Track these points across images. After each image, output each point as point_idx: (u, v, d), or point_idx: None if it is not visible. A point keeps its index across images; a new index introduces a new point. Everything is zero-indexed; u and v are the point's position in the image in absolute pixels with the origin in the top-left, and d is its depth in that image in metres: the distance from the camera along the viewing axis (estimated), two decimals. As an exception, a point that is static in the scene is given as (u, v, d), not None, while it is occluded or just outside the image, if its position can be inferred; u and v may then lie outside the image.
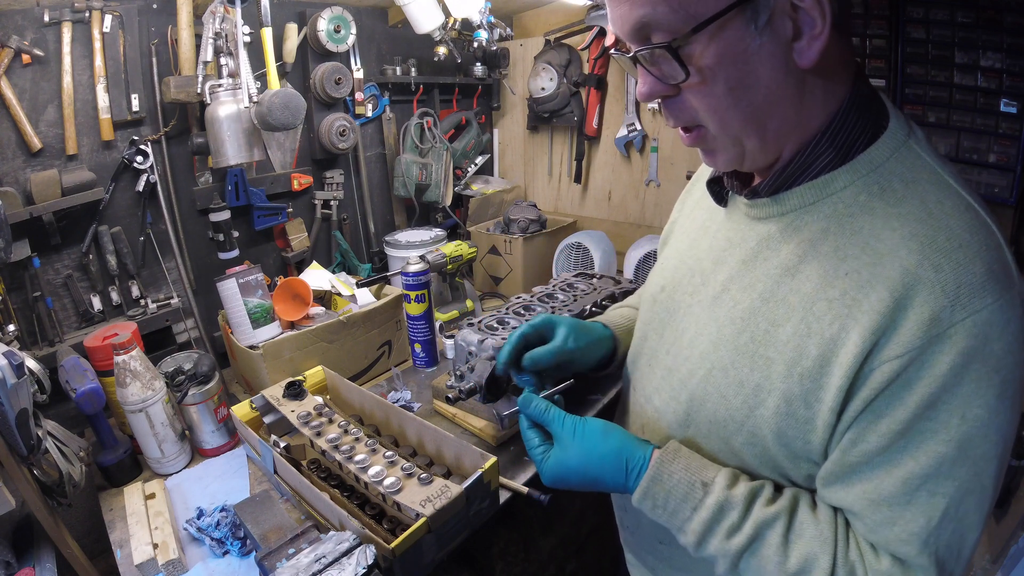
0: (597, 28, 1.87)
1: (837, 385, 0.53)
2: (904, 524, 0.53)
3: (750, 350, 0.60)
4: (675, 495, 0.63)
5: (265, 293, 1.33)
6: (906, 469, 0.52)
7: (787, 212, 0.61)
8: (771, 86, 0.53)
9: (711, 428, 0.65)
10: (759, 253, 0.63)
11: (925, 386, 0.49)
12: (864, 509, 0.55)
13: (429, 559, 0.86)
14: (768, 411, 0.58)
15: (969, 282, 0.49)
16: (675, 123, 0.60)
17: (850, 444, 0.54)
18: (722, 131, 0.57)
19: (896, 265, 0.51)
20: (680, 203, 0.89)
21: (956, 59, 1.41)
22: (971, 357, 0.48)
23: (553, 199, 2.33)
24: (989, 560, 1.40)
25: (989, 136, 1.41)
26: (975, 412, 0.49)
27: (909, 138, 0.57)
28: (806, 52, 0.51)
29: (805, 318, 0.56)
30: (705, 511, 0.61)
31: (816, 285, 0.56)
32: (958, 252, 0.50)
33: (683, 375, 0.68)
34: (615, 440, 0.67)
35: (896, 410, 0.51)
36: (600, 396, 1.28)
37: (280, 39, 1.55)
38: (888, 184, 0.55)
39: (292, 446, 1.09)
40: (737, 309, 0.63)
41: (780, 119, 0.55)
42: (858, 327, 0.52)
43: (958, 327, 0.48)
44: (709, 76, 0.52)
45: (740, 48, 0.51)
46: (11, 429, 0.81)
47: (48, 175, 1.21)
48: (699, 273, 0.71)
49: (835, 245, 0.56)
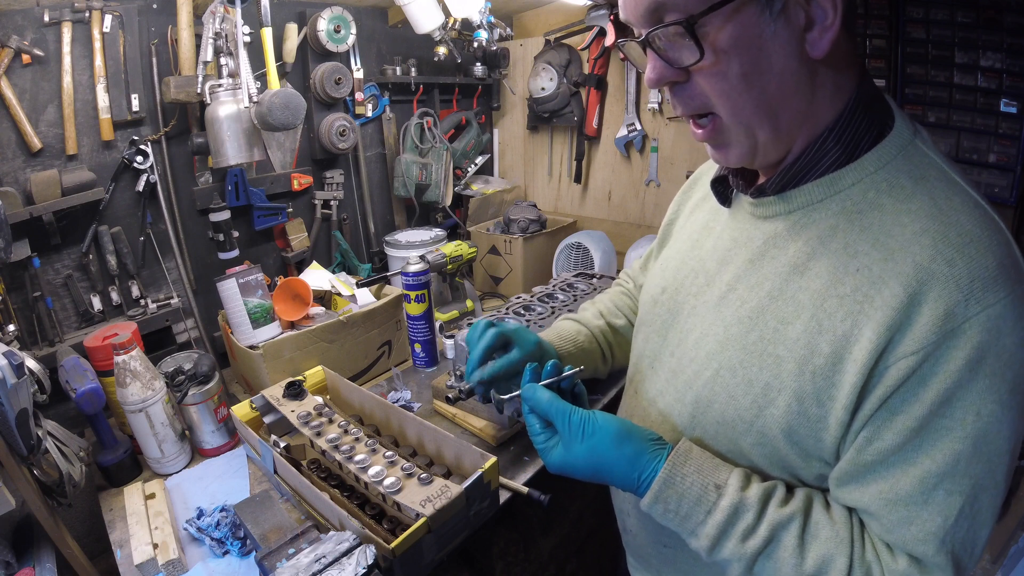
0: (597, 28, 1.87)
1: (851, 383, 0.53)
2: (921, 524, 0.53)
3: (759, 349, 0.60)
4: (687, 499, 0.61)
5: (265, 293, 1.33)
6: (923, 468, 0.52)
7: (794, 210, 0.60)
8: (784, 74, 0.53)
9: (719, 429, 0.64)
10: (766, 252, 0.62)
11: (940, 382, 0.49)
12: (880, 509, 0.55)
13: (429, 559, 0.86)
14: (779, 410, 0.58)
15: (982, 276, 0.49)
16: (684, 110, 0.59)
17: (865, 442, 0.54)
18: (734, 118, 0.56)
19: (909, 260, 0.51)
20: (677, 202, 0.88)
21: (956, 59, 1.41)
22: (985, 352, 0.48)
23: (553, 199, 2.33)
24: (989, 560, 1.40)
25: (989, 136, 1.41)
26: (990, 408, 0.49)
27: (915, 138, 0.57)
28: (818, 42, 0.51)
29: (816, 315, 0.56)
30: (719, 514, 0.59)
31: (826, 282, 0.56)
32: (970, 247, 0.50)
33: (688, 376, 0.67)
34: (630, 449, 0.63)
35: (912, 407, 0.51)
36: (600, 396, 1.28)
37: (280, 39, 1.55)
38: (896, 181, 0.55)
39: (292, 446, 1.09)
40: (744, 308, 0.62)
41: (792, 110, 0.55)
42: (872, 323, 0.51)
43: (972, 322, 0.48)
44: (723, 58, 0.52)
45: (754, 32, 0.51)
46: (11, 429, 0.81)
47: (48, 175, 1.21)
48: (703, 274, 0.70)
49: (845, 242, 0.56)
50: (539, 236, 1.99)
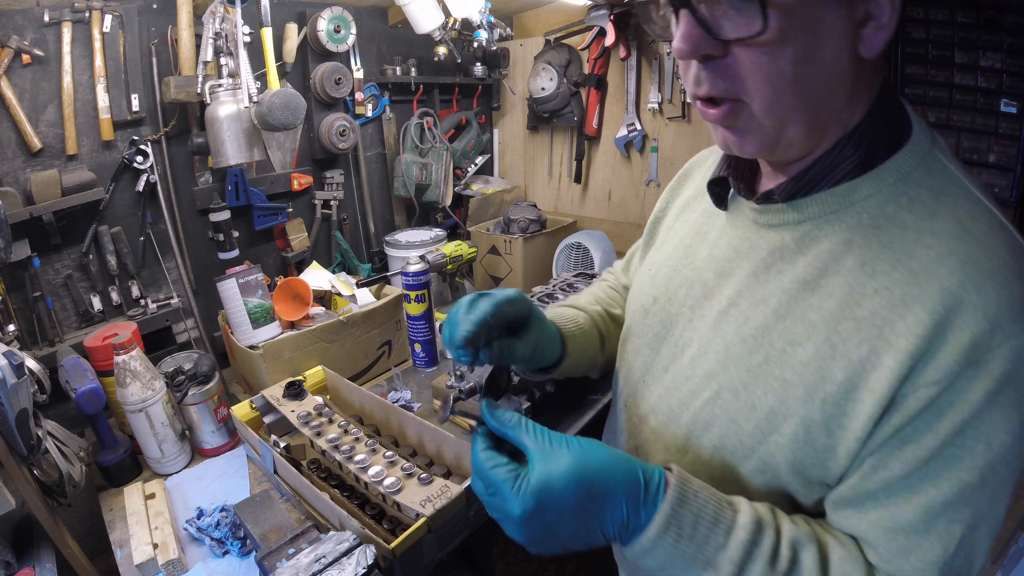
0: (597, 28, 1.87)
1: (868, 413, 0.49)
2: (921, 554, 0.50)
3: (764, 371, 0.56)
4: (704, 517, 0.51)
5: (265, 293, 1.33)
6: (927, 497, 0.49)
7: (804, 220, 0.56)
8: (833, 69, 0.49)
9: (715, 454, 0.59)
10: (772, 265, 0.58)
11: (957, 413, 0.47)
12: (878, 537, 0.51)
13: (429, 559, 0.86)
14: (784, 438, 0.54)
15: (1010, 305, 0.46)
16: (709, 89, 0.51)
17: (871, 470, 0.51)
18: (769, 109, 0.50)
19: (935, 285, 0.48)
20: (666, 198, 0.83)
21: (956, 59, 1.41)
22: (1004, 383, 0.46)
23: (553, 199, 2.33)
24: (989, 560, 1.40)
25: (989, 136, 1.41)
26: (1001, 439, 0.47)
27: (933, 147, 0.54)
28: (871, 40, 0.48)
29: (829, 338, 0.52)
30: (741, 531, 0.51)
31: (840, 302, 0.52)
32: (1000, 273, 0.47)
33: (683, 396, 0.64)
34: (621, 451, 0.55)
35: (925, 437, 0.48)
36: (600, 396, 1.28)
37: (280, 39, 1.55)
38: (917, 196, 0.51)
39: (292, 446, 1.09)
40: (748, 326, 0.58)
41: (829, 108, 0.51)
42: (892, 351, 0.48)
43: (995, 352, 0.46)
44: (778, 38, 0.46)
45: (817, 16, 0.46)
46: (11, 429, 0.81)
47: (48, 175, 1.21)
48: (699, 284, 0.66)
49: (861, 259, 0.52)
50: (539, 236, 1.99)
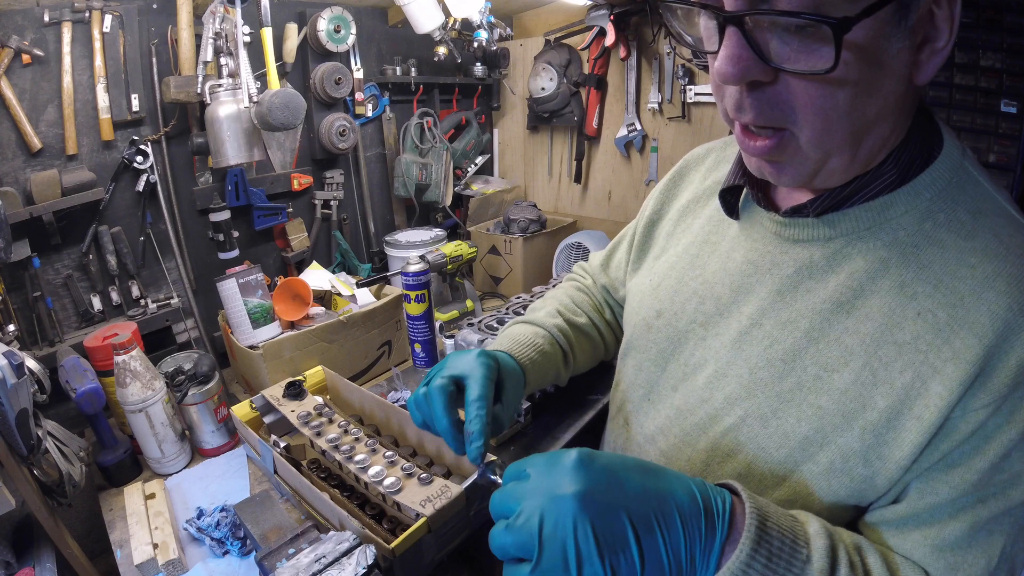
0: (597, 28, 1.86)
1: (914, 442, 0.48)
2: (967, 569, 0.48)
3: (797, 398, 0.53)
4: (787, 537, 0.46)
5: (265, 293, 1.33)
6: (974, 514, 0.48)
7: (836, 237, 0.54)
8: (888, 99, 0.46)
9: (740, 481, 0.55)
10: (799, 283, 0.56)
11: (1005, 434, 0.46)
12: (925, 556, 0.49)
13: (429, 559, 0.86)
14: (819, 467, 0.52)
15: None
16: (755, 118, 0.47)
17: (917, 496, 0.49)
18: (818, 142, 0.47)
19: (983, 308, 0.46)
20: (660, 199, 0.79)
21: (956, 59, 1.41)
22: None
23: (553, 199, 2.33)
24: None
25: (989, 136, 1.41)
26: None
27: (964, 159, 0.53)
28: (925, 67, 0.45)
29: (868, 363, 0.50)
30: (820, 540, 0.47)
31: (880, 326, 0.50)
32: None
33: (700, 419, 0.61)
34: (670, 472, 0.48)
35: (974, 460, 0.47)
36: (600, 396, 1.28)
37: (280, 39, 1.55)
38: (954, 214, 0.50)
39: (292, 446, 1.09)
40: (776, 349, 0.56)
41: (876, 137, 0.49)
42: (940, 377, 0.47)
43: None
44: (841, 74, 0.43)
45: (881, 47, 0.43)
46: (11, 429, 0.81)
47: (48, 175, 1.21)
48: (710, 299, 0.63)
49: (900, 281, 0.50)
50: (539, 236, 1.99)
